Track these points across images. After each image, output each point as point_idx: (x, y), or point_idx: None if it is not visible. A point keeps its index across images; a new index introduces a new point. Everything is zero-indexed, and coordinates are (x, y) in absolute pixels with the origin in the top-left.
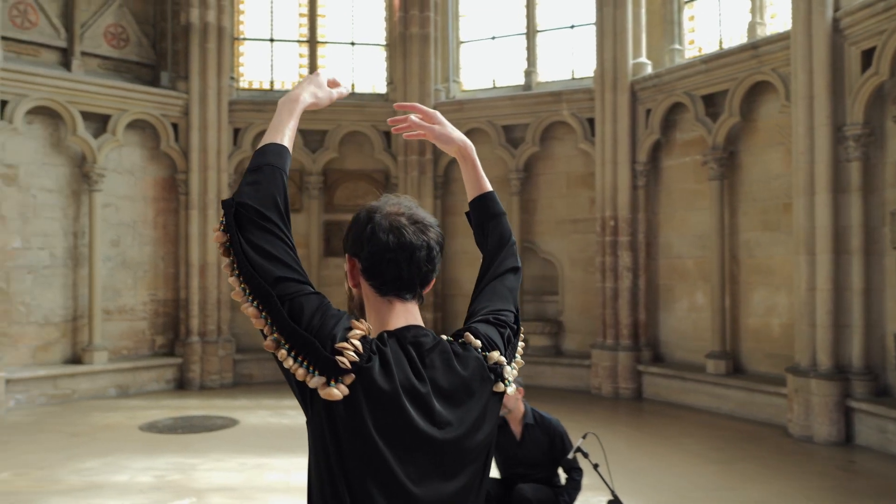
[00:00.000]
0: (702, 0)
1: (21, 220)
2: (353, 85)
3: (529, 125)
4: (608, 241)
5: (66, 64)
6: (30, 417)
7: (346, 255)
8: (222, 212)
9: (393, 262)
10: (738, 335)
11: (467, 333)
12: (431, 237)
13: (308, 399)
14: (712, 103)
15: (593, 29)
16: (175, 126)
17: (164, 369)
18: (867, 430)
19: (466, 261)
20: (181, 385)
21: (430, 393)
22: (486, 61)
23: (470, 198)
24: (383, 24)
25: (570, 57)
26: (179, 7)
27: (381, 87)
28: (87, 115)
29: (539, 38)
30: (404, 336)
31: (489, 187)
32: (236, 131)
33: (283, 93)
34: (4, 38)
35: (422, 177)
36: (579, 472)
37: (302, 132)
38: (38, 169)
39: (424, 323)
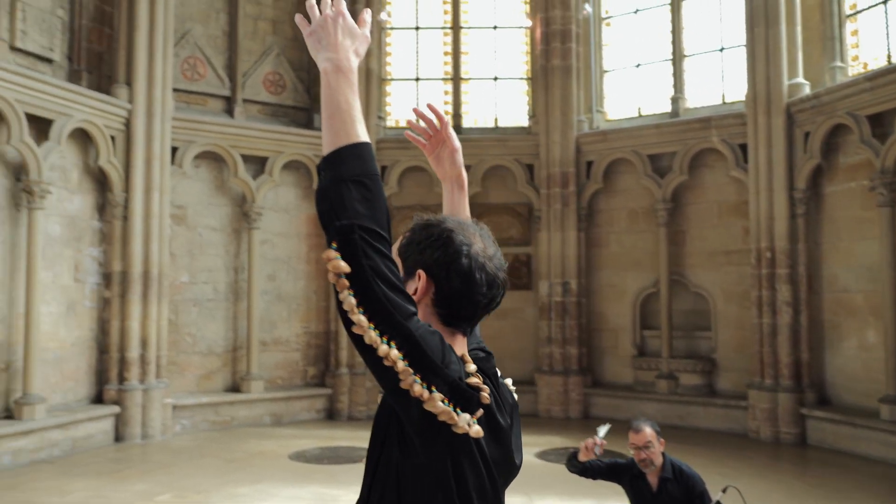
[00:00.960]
0: (866, 13)
1: (189, 257)
2: (496, 119)
3: (677, 153)
4: (765, 273)
5: (229, 111)
6: (193, 442)
7: (418, 270)
8: (335, 237)
9: (476, 303)
10: None
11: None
12: (504, 280)
13: (431, 434)
14: (879, 123)
15: (744, 51)
16: None
17: (315, 399)
18: None
19: (614, 295)
20: (330, 415)
21: (510, 423)
22: (630, 90)
23: None
24: (525, 58)
25: (720, 81)
26: None
27: (524, 121)
28: (246, 158)
29: (686, 63)
30: (485, 369)
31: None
32: (383, 168)
33: None
34: (176, 90)
35: (565, 209)
36: None
37: None
38: (204, 209)
39: (570, 358)
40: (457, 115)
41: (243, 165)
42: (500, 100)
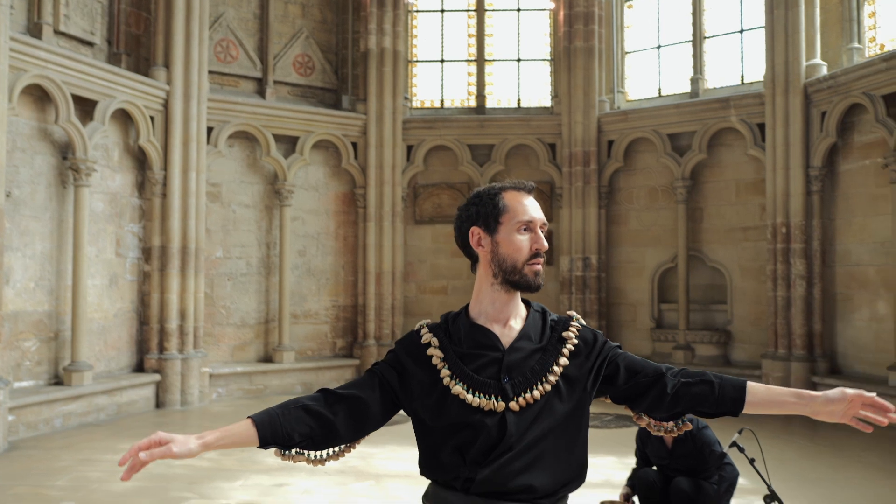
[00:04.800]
0: None
1: (223, 233)
2: (519, 100)
3: (696, 133)
4: (780, 248)
5: (260, 92)
6: (229, 408)
7: None
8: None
9: None
10: None
11: None
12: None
13: None
14: (894, 103)
15: (763, 32)
16: (354, 144)
17: (344, 370)
18: None
19: (633, 270)
20: None
21: None
22: (651, 70)
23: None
24: (548, 40)
25: (739, 62)
26: (359, 35)
27: (547, 101)
28: (278, 138)
29: (706, 44)
30: None
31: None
32: (409, 148)
33: (453, 110)
34: (210, 72)
35: (587, 187)
36: (732, 466)
37: (470, 146)
38: (237, 187)
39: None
40: (480, 96)
41: (275, 145)
42: (524, 81)
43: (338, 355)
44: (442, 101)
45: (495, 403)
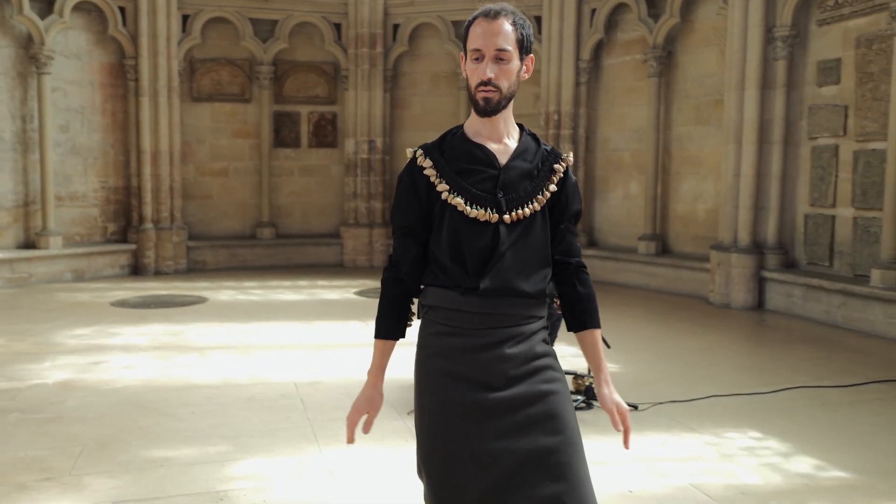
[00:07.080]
0: None
1: None
2: None
3: None
4: (551, 134)
5: None
6: None
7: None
8: None
9: None
10: (668, 220)
11: None
12: None
13: None
14: (654, 5)
15: None
16: (122, 10)
17: (118, 255)
18: (776, 297)
19: None
20: (135, 271)
21: None
22: None
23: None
24: None
25: None
26: None
27: None
28: None
29: None
30: None
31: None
32: (185, 18)
33: None
34: None
35: (372, 69)
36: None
37: (253, 21)
38: None
39: (374, 212)
40: None
41: (28, 2)
42: None
43: (110, 240)
44: None
45: (490, 215)
